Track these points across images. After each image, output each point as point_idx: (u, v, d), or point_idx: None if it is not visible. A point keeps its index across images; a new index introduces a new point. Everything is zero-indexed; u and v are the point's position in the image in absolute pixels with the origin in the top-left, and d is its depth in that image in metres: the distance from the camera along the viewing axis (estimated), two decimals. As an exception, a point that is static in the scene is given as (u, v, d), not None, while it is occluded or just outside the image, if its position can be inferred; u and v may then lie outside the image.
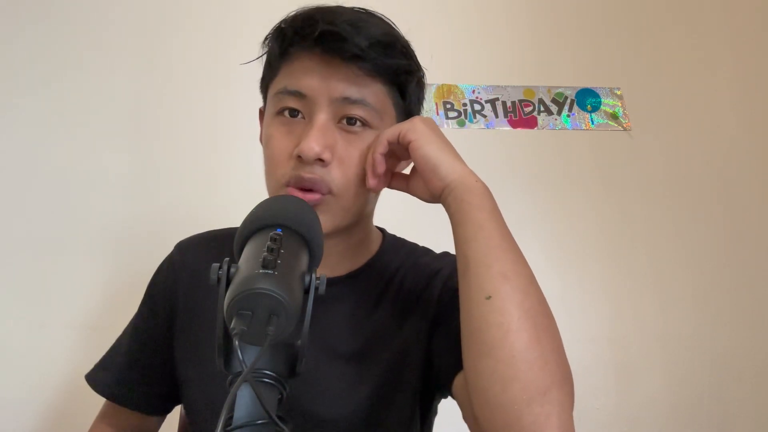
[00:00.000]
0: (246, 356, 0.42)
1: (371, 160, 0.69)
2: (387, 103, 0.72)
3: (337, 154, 0.68)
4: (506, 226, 0.64)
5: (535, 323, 0.57)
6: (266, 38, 0.74)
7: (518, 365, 0.55)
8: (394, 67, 0.70)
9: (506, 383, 0.55)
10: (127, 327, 0.87)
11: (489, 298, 0.58)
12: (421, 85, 0.77)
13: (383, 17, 0.73)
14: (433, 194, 0.68)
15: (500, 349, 0.56)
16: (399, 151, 0.70)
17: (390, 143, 0.69)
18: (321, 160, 0.67)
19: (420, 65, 0.76)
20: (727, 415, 1.59)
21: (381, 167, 0.69)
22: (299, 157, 0.66)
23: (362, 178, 0.71)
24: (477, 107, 1.70)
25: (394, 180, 0.74)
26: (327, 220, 0.69)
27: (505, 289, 0.58)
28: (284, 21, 0.71)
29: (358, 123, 0.70)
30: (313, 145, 0.65)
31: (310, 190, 0.68)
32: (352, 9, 0.71)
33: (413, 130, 0.67)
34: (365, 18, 0.70)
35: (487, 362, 0.56)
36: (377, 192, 0.74)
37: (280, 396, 0.50)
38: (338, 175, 0.68)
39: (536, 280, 0.62)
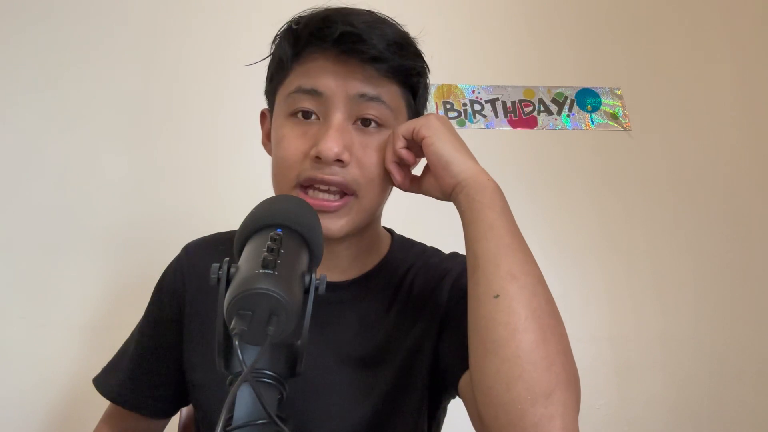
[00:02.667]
0: (246, 356, 0.42)
1: (392, 156, 0.69)
2: (401, 104, 0.72)
3: (355, 155, 0.68)
4: (516, 226, 0.64)
5: (542, 323, 0.57)
6: (275, 39, 0.74)
7: (523, 365, 0.55)
8: (409, 68, 0.70)
9: (511, 383, 0.55)
10: (135, 330, 0.86)
11: (497, 297, 0.58)
12: (427, 87, 0.78)
13: (393, 21, 0.73)
14: (445, 192, 0.68)
15: (506, 349, 0.56)
16: (413, 148, 0.70)
17: (405, 138, 0.69)
18: (340, 160, 0.66)
19: (427, 67, 0.76)
20: (727, 415, 1.59)
21: (410, 158, 0.69)
22: (317, 158, 0.66)
23: (381, 178, 0.71)
24: (477, 107, 1.70)
25: (410, 183, 0.73)
26: (348, 222, 0.69)
27: (513, 289, 0.58)
28: (296, 22, 0.71)
29: (374, 124, 0.70)
30: (332, 145, 0.65)
31: (328, 192, 0.68)
32: (364, 10, 0.71)
33: (427, 126, 0.67)
34: (380, 20, 0.70)
35: (493, 361, 0.56)
36: (405, 189, 0.74)
37: (280, 396, 0.50)
38: (358, 176, 0.68)
39: (544, 281, 0.62)
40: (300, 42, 0.69)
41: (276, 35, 0.73)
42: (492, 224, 0.62)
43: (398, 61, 0.68)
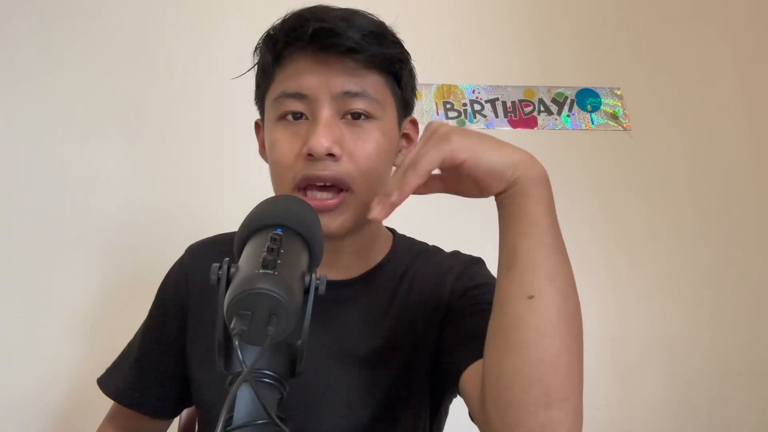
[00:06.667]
0: (246, 356, 0.42)
1: (407, 190, 0.58)
2: (386, 93, 0.73)
3: (347, 148, 0.68)
4: (558, 223, 0.60)
5: (570, 330, 0.56)
6: (256, 47, 0.75)
7: (545, 369, 0.54)
8: (389, 56, 0.71)
9: (530, 385, 0.54)
10: (139, 330, 0.87)
11: (531, 297, 0.56)
12: (412, 74, 0.78)
13: (367, 13, 0.73)
14: (489, 194, 0.61)
15: (531, 352, 0.54)
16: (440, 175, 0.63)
17: (431, 170, 0.58)
18: (332, 154, 0.67)
19: (407, 53, 0.76)
20: (727, 415, 1.59)
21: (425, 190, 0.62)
22: (309, 155, 0.66)
23: (376, 170, 0.71)
24: (477, 107, 1.70)
25: (430, 186, 0.64)
26: (347, 219, 0.69)
27: (549, 291, 0.56)
28: (272, 28, 0.72)
29: (362, 116, 0.70)
30: (322, 140, 0.65)
31: (325, 187, 0.67)
32: (338, 7, 0.72)
33: (462, 149, 0.57)
34: (353, 12, 0.71)
35: (514, 362, 0.55)
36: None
37: (280, 396, 0.50)
38: (352, 169, 0.68)
39: (575, 284, 0.59)
40: (278, 46, 0.70)
41: (257, 43, 0.74)
42: (536, 221, 0.58)
43: (377, 50, 0.68)
